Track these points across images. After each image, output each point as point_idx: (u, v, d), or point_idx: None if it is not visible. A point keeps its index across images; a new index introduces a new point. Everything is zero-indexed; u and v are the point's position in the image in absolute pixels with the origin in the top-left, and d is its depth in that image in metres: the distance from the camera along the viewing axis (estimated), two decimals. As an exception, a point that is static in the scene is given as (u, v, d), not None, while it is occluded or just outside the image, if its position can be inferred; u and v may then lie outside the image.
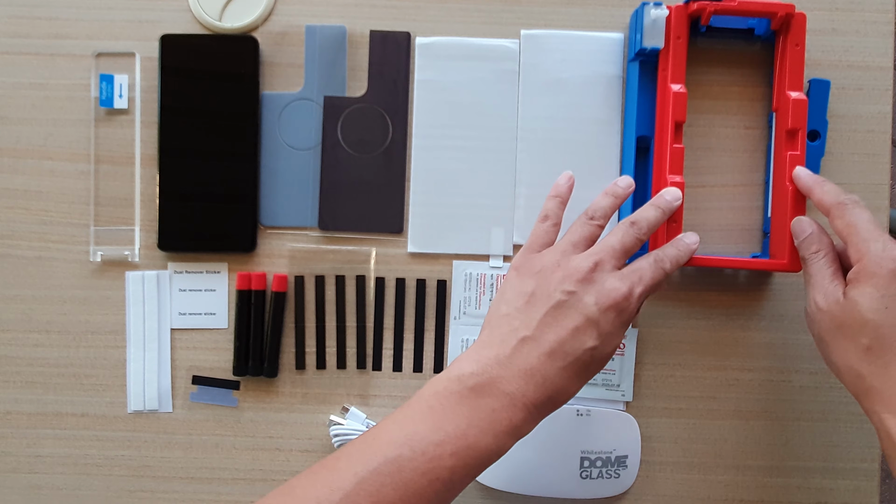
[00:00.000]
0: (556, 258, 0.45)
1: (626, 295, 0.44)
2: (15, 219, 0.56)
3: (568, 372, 0.43)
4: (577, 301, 0.44)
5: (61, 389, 0.56)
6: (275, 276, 0.55)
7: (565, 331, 0.43)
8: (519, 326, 0.44)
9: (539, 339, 0.43)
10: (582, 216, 0.48)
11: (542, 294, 0.44)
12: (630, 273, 0.45)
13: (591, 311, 0.43)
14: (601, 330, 0.43)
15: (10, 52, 0.56)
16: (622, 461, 0.55)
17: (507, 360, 0.43)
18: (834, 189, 0.48)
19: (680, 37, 0.52)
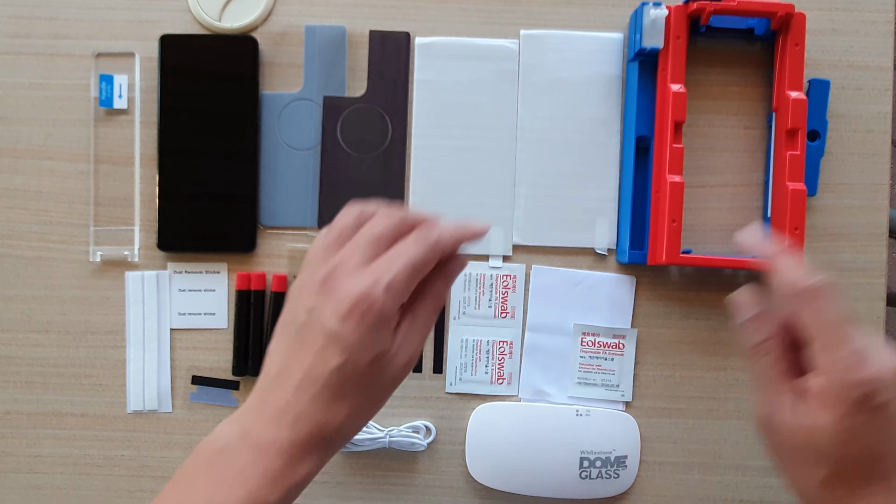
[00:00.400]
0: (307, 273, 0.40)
1: (364, 294, 0.37)
2: (15, 219, 0.56)
3: (323, 399, 0.38)
4: (317, 317, 0.38)
5: (61, 389, 0.56)
6: (274, 276, 0.55)
7: (311, 355, 0.38)
8: (271, 363, 0.40)
9: (289, 370, 0.38)
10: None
11: (291, 318, 0.40)
12: (378, 264, 0.38)
13: (329, 326, 0.37)
14: (345, 343, 0.37)
15: (10, 52, 0.56)
16: (622, 461, 0.55)
17: (262, 404, 0.39)
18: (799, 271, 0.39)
19: (679, 37, 0.52)
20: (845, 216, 0.56)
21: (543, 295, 0.56)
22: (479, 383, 0.56)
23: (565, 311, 0.56)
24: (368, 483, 0.56)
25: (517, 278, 0.56)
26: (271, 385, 0.39)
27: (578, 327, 0.55)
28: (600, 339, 0.55)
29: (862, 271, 0.56)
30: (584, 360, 0.55)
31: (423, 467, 0.56)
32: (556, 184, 0.56)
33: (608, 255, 0.56)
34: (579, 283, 0.56)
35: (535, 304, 0.56)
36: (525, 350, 0.56)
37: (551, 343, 0.56)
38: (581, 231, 0.56)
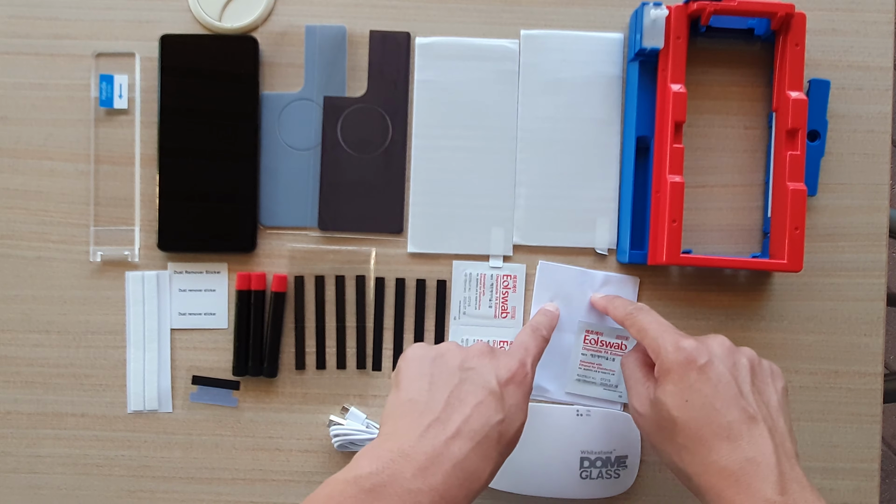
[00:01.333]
0: (452, 346, 0.46)
1: (520, 367, 0.44)
2: (15, 219, 0.56)
3: (477, 453, 0.41)
4: (478, 377, 0.43)
5: (61, 389, 0.56)
6: (274, 276, 0.55)
7: (470, 408, 0.42)
8: (424, 410, 0.42)
9: (445, 420, 0.41)
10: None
11: (442, 374, 0.44)
12: (517, 347, 0.47)
13: (492, 386, 0.43)
14: (505, 403, 0.43)
15: (10, 52, 0.56)
16: (622, 461, 0.55)
17: (411, 450, 0.40)
18: (623, 303, 0.51)
19: (680, 37, 0.52)
20: (845, 216, 0.56)
21: (549, 291, 0.56)
22: (480, 383, 0.56)
23: (569, 307, 0.56)
24: (368, 483, 0.56)
25: (517, 278, 0.56)
26: (425, 432, 0.41)
27: (583, 324, 0.55)
28: (603, 338, 0.55)
29: (862, 271, 0.56)
30: (586, 358, 0.55)
31: (423, 467, 0.56)
32: (556, 184, 0.56)
33: (608, 255, 0.56)
34: (585, 280, 0.56)
35: (539, 299, 0.56)
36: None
37: (553, 339, 0.56)
38: (581, 231, 0.56)
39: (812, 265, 0.56)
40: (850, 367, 0.56)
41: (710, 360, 0.43)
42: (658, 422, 0.44)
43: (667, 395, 0.43)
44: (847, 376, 0.56)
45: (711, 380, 0.42)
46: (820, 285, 0.56)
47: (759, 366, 0.45)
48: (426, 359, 0.45)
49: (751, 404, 0.42)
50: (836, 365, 0.56)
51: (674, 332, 0.46)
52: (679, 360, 0.43)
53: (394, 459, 0.39)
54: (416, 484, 0.39)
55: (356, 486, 0.39)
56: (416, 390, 0.43)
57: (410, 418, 0.42)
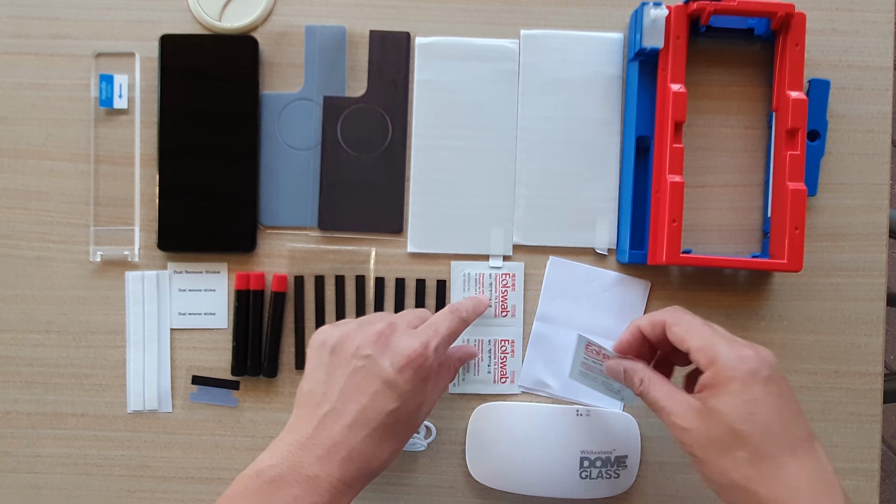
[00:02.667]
0: (352, 329, 0.46)
1: (420, 351, 0.44)
2: (15, 219, 0.56)
3: (373, 439, 0.43)
4: (373, 365, 0.44)
5: (61, 389, 0.56)
6: (274, 276, 0.55)
7: (366, 397, 0.43)
8: (321, 401, 0.44)
9: (341, 410, 0.43)
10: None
11: (339, 364, 0.44)
12: (425, 328, 0.46)
13: (387, 374, 0.43)
14: (400, 390, 0.43)
15: (10, 52, 0.56)
16: (622, 461, 0.55)
17: (308, 441, 0.42)
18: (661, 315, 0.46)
19: (679, 37, 0.52)
20: (845, 216, 0.56)
21: (558, 287, 0.56)
22: (482, 383, 0.56)
23: (576, 306, 0.56)
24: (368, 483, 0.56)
25: (516, 277, 0.56)
26: (321, 423, 0.43)
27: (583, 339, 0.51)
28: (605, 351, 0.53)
29: (862, 271, 0.56)
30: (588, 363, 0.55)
31: (423, 467, 0.56)
32: (556, 184, 0.56)
33: (608, 255, 0.56)
34: (594, 280, 0.56)
35: (548, 296, 0.56)
36: (531, 339, 0.56)
37: (558, 336, 0.56)
38: (581, 231, 0.56)
39: (812, 265, 0.56)
40: (850, 367, 0.56)
41: (771, 373, 0.41)
42: (712, 434, 0.41)
43: (728, 406, 0.41)
44: (847, 376, 0.56)
45: (775, 395, 0.41)
46: (820, 285, 0.56)
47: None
48: (325, 347, 0.45)
49: (807, 421, 0.42)
50: (836, 365, 0.56)
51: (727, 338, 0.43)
52: (744, 372, 0.41)
53: (292, 451, 0.42)
54: (313, 471, 0.41)
55: (259, 478, 0.41)
56: (314, 381, 0.45)
57: (308, 409, 0.44)
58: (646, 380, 0.45)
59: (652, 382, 0.45)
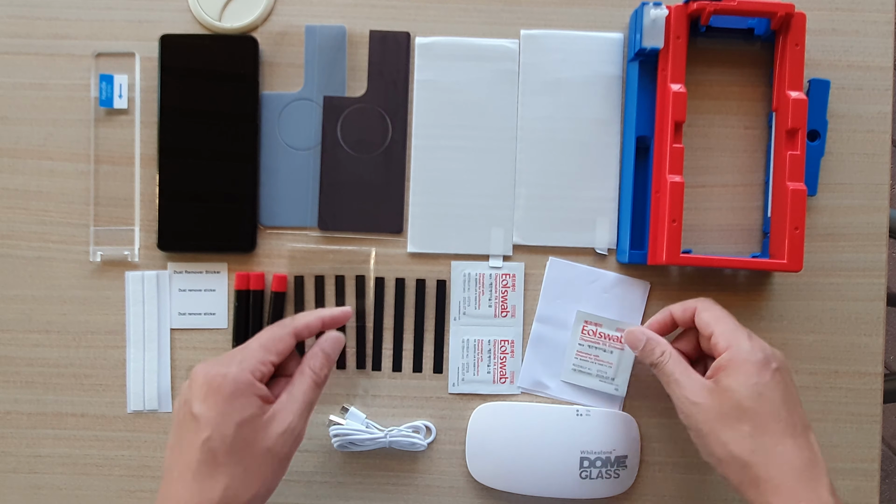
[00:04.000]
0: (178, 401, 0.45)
1: (215, 371, 0.43)
2: (15, 219, 0.56)
3: (199, 479, 0.41)
4: (187, 406, 0.43)
5: (61, 389, 0.56)
6: (274, 276, 0.55)
7: (185, 444, 0.42)
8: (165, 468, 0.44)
9: (171, 469, 0.43)
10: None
11: (174, 421, 0.44)
12: (235, 350, 0.45)
13: (195, 410, 0.42)
14: (207, 418, 0.42)
15: (10, 52, 0.56)
16: (622, 461, 0.55)
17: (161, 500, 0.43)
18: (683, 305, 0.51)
19: (679, 37, 0.52)
20: (845, 216, 0.56)
21: (557, 288, 0.56)
22: (482, 383, 0.56)
23: (576, 306, 0.56)
24: (368, 483, 0.56)
25: (516, 277, 0.56)
26: (164, 481, 0.43)
27: (581, 315, 0.55)
28: (602, 329, 0.55)
29: (862, 271, 0.56)
30: (583, 349, 0.55)
31: (423, 467, 0.56)
32: (556, 184, 0.56)
33: (608, 255, 0.56)
34: (593, 280, 0.56)
35: (546, 295, 0.56)
36: (531, 340, 0.56)
37: (557, 337, 0.56)
38: (581, 231, 0.56)
39: (812, 265, 0.56)
40: (850, 367, 0.56)
41: (780, 366, 0.46)
42: (720, 409, 0.45)
43: (739, 385, 0.45)
44: (847, 376, 0.56)
45: (782, 384, 0.45)
46: (820, 285, 0.56)
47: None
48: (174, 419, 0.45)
49: (804, 415, 0.46)
50: (836, 365, 0.56)
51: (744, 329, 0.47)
52: (758, 358, 0.45)
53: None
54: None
55: None
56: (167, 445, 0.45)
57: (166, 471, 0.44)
58: (667, 353, 0.49)
59: (671, 357, 0.49)
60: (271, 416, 0.44)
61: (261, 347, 0.45)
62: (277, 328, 0.47)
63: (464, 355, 0.56)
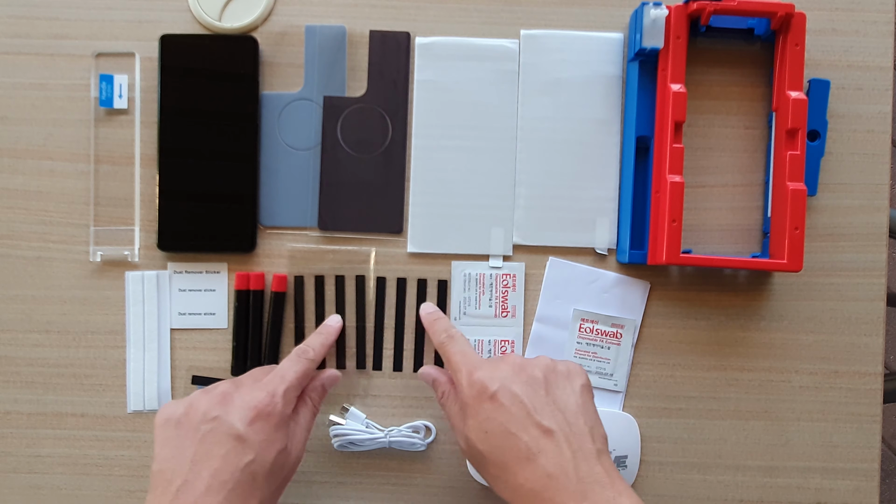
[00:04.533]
0: (196, 397, 0.45)
1: (268, 401, 0.44)
2: (15, 219, 0.56)
3: (233, 499, 0.42)
4: (221, 425, 0.43)
5: (61, 389, 0.56)
6: (274, 276, 0.55)
7: (217, 459, 0.42)
8: (172, 477, 0.42)
9: (194, 480, 0.42)
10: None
11: (187, 434, 0.44)
12: (271, 378, 0.46)
13: (237, 429, 0.43)
14: (252, 442, 0.43)
15: (10, 52, 0.56)
16: (622, 461, 0.55)
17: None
18: (440, 328, 0.51)
19: (679, 37, 0.52)
20: (845, 216, 0.56)
21: (557, 288, 0.56)
22: (480, 383, 0.56)
23: (576, 306, 0.56)
24: (368, 483, 0.56)
25: (517, 277, 0.56)
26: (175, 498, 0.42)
27: (578, 313, 0.55)
28: (598, 326, 0.55)
29: (862, 271, 0.56)
30: (581, 346, 0.55)
31: (423, 467, 0.56)
32: (556, 184, 0.56)
33: (608, 255, 0.56)
34: (593, 281, 0.56)
35: (546, 295, 0.56)
36: (531, 340, 0.56)
37: (557, 337, 0.56)
38: (581, 231, 0.56)
39: (812, 265, 0.56)
40: (850, 367, 0.56)
41: (500, 386, 0.44)
42: (473, 456, 0.45)
43: (470, 431, 0.44)
44: (847, 376, 0.56)
45: (504, 405, 0.43)
46: (820, 285, 0.56)
47: (553, 372, 0.45)
48: (170, 422, 0.44)
49: (545, 417, 0.43)
50: (836, 365, 0.56)
51: (472, 363, 0.46)
52: (472, 395, 0.44)
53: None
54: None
55: None
56: (163, 458, 0.43)
57: (161, 489, 0.42)
58: (445, 393, 0.50)
59: (448, 397, 0.49)
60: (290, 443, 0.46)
61: (297, 381, 0.47)
62: (307, 363, 0.49)
63: (464, 355, 0.56)
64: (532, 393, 0.44)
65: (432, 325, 0.52)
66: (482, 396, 0.44)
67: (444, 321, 0.52)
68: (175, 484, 0.42)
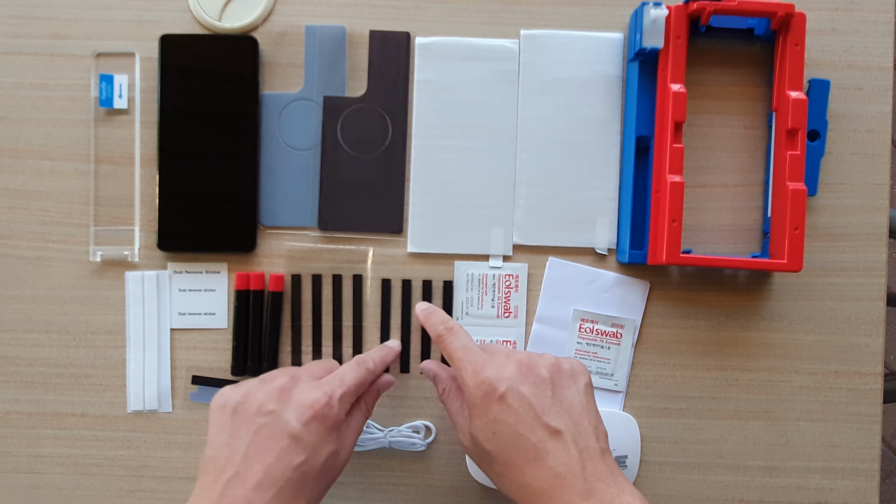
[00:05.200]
0: (253, 386, 0.45)
1: (325, 402, 0.44)
2: (15, 219, 0.56)
3: (282, 498, 0.42)
4: (277, 421, 0.43)
5: (61, 389, 0.56)
6: (271, 275, 0.55)
7: (271, 455, 0.42)
8: (224, 466, 0.42)
9: (245, 473, 0.42)
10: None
11: (242, 424, 0.43)
12: (330, 379, 0.46)
13: (292, 427, 0.43)
14: (306, 443, 0.43)
15: (10, 52, 0.56)
16: (622, 461, 0.55)
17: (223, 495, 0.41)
18: (437, 320, 0.50)
19: (679, 37, 0.52)
20: (845, 216, 0.56)
21: (557, 288, 0.56)
22: (480, 383, 0.56)
23: (576, 306, 0.56)
24: (368, 483, 0.56)
25: (519, 278, 0.56)
26: (226, 489, 0.41)
27: (578, 313, 0.55)
28: (598, 326, 0.55)
29: (862, 271, 0.56)
30: (581, 347, 0.55)
31: (423, 467, 0.56)
32: (556, 184, 0.56)
33: (608, 255, 0.56)
34: (593, 281, 0.56)
35: (546, 296, 0.56)
36: (531, 341, 0.56)
37: (557, 337, 0.56)
38: (581, 231, 0.56)
39: (812, 265, 0.56)
40: (850, 367, 0.56)
41: (508, 387, 0.44)
42: (478, 454, 0.45)
43: (477, 430, 0.44)
44: (847, 376, 0.56)
45: (512, 407, 0.43)
46: (820, 285, 0.56)
47: (558, 372, 0.45)
48: (226, 409, 0.44)
49: (552, 418, 0.43)
50: (836, 365, 0.56)
51: (475, 359, 0.46)
52: (480, 395, 0.44)
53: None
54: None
55: None
56: (217, 445, 0.43)
57: (212, 476, 0.42)
58: (446, 390, 0.50)
59: (450, 394, 0.49)
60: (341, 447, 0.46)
61: (355, 388, 0.47)
62: (366, 373, 0.48)
63: (464, 355, 0.56)
64: (539, 394, 0.44)
65: (428, 318, 0.51)
66: (490, 397, 0.44)
67: (440, 313, 0.51)
68: (227, 473, 0.42)
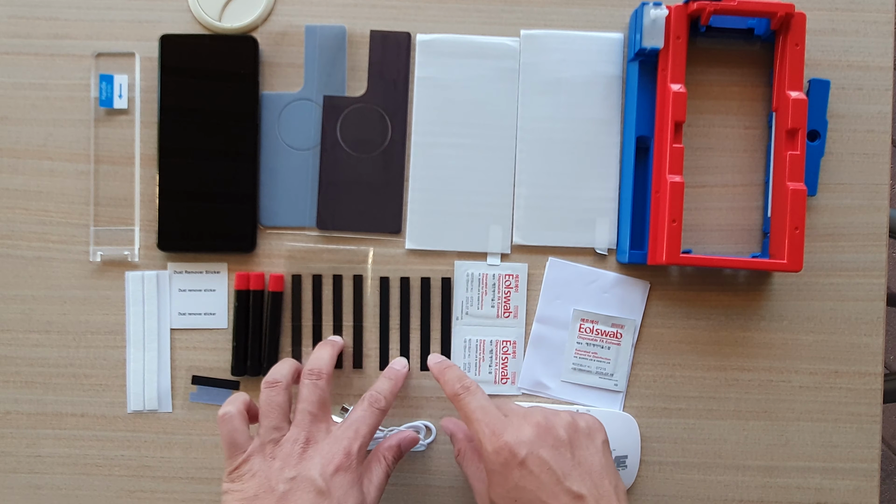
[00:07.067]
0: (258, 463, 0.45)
1: (345, 454, 0.45)
2: (15, 219, 0.56)
3: None
4: (303, 481, 0.44)
5: (61, 389, 0.56)
6: (271, 275, 0.55)
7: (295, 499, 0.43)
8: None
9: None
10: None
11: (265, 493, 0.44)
12: (345, 430, 0.46)
13: (318, 484, 0.43)
14: (334, 495, 0.43)
15: (10, 52, 0.56)
16: (622, 461, 0.55)
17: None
18: (453, 377, 0.49)
19: (679, 37, 0.52)
20: (845, 216, 0.56)
21: (556, 288, 0.56)
22: (483, 383, 0.56)
23: (576, 306, 0.56)
24: (368, 483, 0.56)
25: (519, 278, 0.56)
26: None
27: (578, 313, 0.55)
28: (598, 326, 0.55)
29: (862, 271, 0.56)
30: (581, 347, 0.55)
31: (423, 467, 0.56)
32: (556, 184, 0.56)
33: (608, 255, 0.56)
34: (593, 281, 0.56)
35: (546, 295, 0.56)
36: (531, 341, 0.56)
37: (556, 337, 0.56)
38: (581, 231, 0.56)
39: (812, 265, 0.56)
40: (850, 367, 0.56)
41: (528, 452, 0.43)
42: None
43: (497, 498, 0.44)
44: (847, 376, 0.56)
45: (533, 472, 0.43)
46: (820, 285, 0.56)
47: (576, 432, 0.46)
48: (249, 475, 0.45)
49: (574, 482, 0.43)
50: (836, 365, 0.56)
51: (493, 422, 0.45)
52: (500, 462, 0.44)
53: None
54: None
55: None
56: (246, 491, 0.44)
57: None
58: (463, 451, 0.50)
59: (465, 457, 0.50)
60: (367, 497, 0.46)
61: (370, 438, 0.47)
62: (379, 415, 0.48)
63: (466, 355, 0.56)
64: (559, 457, 0.44)
65: (443, 373, 0.50)
66: (510, 464, 0.43)
67: (455, 370, 0.50)
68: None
